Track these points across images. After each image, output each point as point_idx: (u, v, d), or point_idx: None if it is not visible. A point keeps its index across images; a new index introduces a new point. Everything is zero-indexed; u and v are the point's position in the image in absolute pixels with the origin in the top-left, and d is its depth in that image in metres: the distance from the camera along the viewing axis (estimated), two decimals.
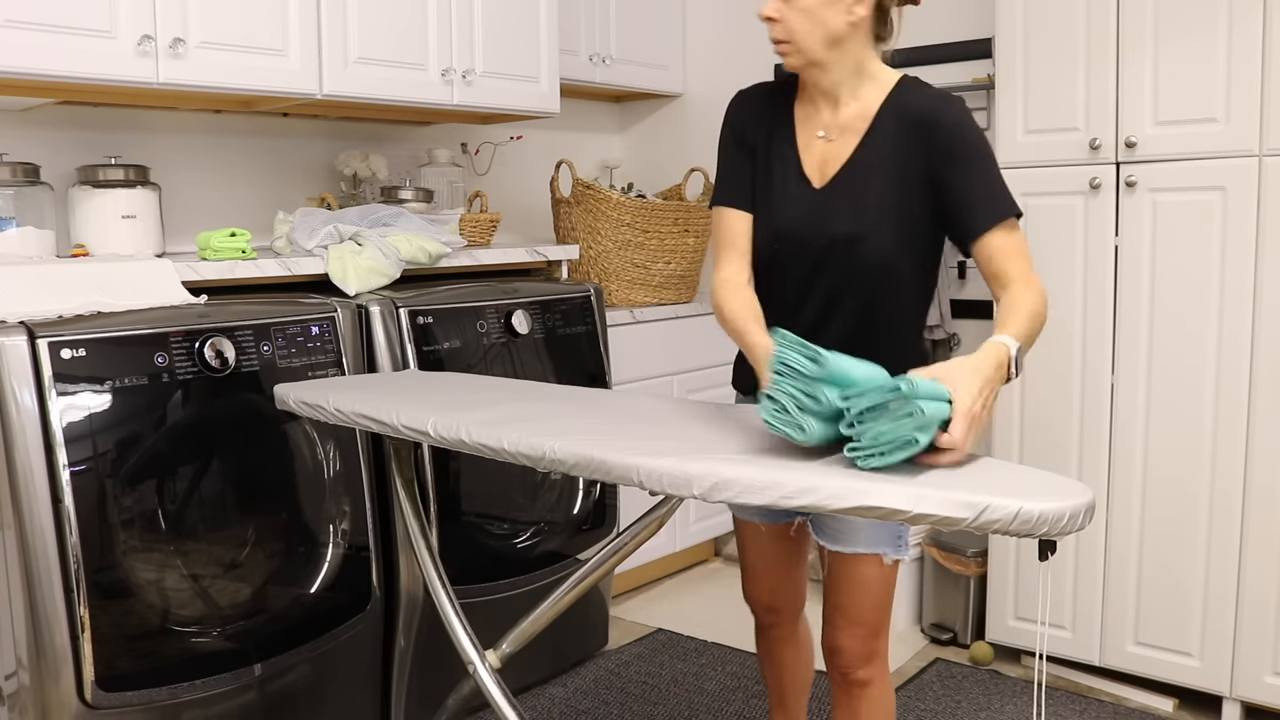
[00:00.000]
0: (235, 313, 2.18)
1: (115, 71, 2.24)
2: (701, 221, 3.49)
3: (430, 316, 2.51)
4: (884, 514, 1.23)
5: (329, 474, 2.29)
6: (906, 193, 1.67)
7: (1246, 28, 2.35)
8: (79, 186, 2.43)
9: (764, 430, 1.55)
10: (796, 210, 1.74)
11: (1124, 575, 2.64)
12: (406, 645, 2.48)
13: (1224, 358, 2.44)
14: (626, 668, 2.93)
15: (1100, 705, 2.66)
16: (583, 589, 2.07)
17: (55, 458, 1.89)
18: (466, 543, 2.55)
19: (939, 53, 3.28)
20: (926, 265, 1.74)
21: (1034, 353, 2.72)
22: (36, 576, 1.89)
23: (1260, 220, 2.37)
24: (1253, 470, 2.43)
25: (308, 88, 2.56)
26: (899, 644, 3.07)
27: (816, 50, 1.67)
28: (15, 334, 1.88)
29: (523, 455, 1.55)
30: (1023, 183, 2.71)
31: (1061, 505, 1.18)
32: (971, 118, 1.68)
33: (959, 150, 1.64)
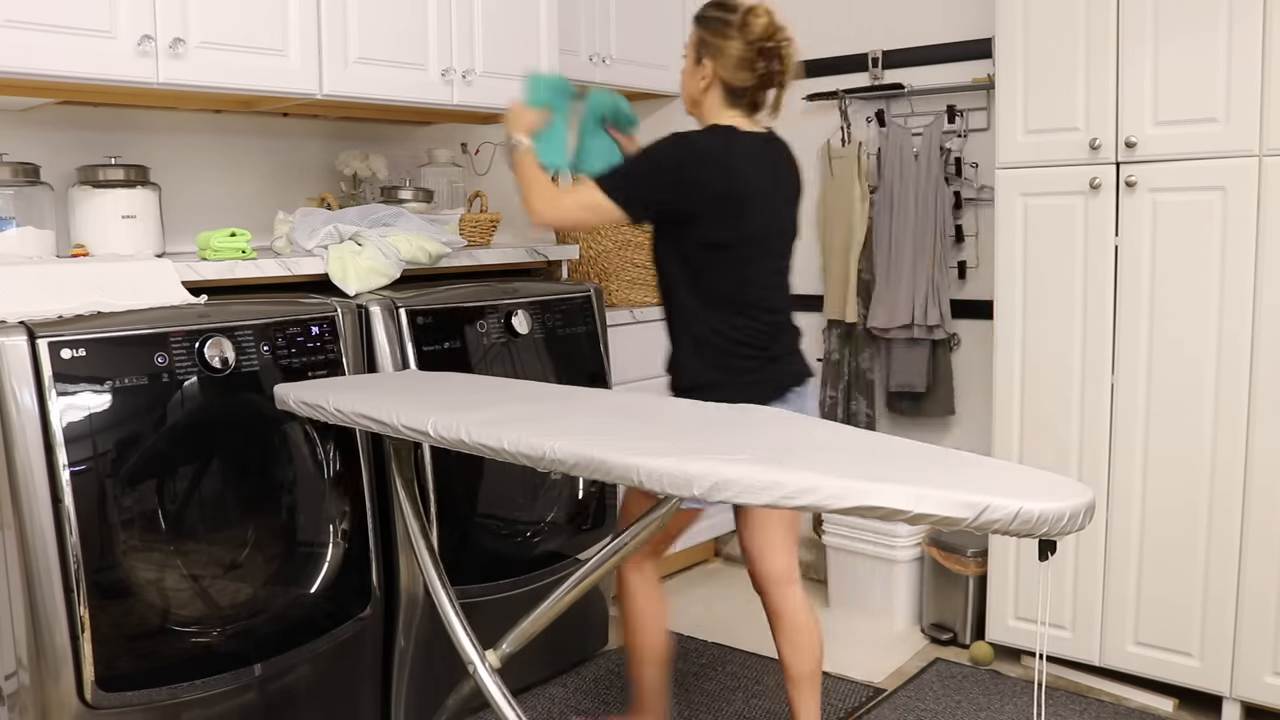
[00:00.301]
0: (235, 313, 2.18)
1: (115, 71, 2.24)
2: None
3: (430, 316, 2.51)
4: (885, 514, 1.23)
5: (329, 474, 2.29)
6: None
7: (1246, 27, 2.35)
8: (79, 186, 2.43)
9: (764, 430, 1.55)
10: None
11: (1124, 575, 2.64)
12: (406, 645, 2.48)
13: (1224, 357, 2.44)
14: (627, 668, 2.93)
15: (1100, 705, 2.66)
16: (583, 589, 2.07)
17: (55, 458, 1.89)
18: (466, 543, 2.55)
19: (939, 53, 3.28)
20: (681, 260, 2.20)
21: (1034, 352, 2.72)
22: (36, 576, 1.89)
23: (1260, 220, 2.37)
24: (1253, 470, 2.43)
25: (308, 88, 2.56)
26: (899, 644, 3.08)
27: (687, 107, 2.28)
28: (15, 334, 1.88)
29: (523, 455, 1.55)
30: (1023, 183, 2.71)
31: (1061, 505, 1.19)
32: (664, 142, 2.14)
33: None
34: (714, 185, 2.09)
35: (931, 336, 3.26)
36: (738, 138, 2.14)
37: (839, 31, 3.51)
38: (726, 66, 2.13)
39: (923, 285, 3.23)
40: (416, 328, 2.47)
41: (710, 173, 2.08)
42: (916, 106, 3.32)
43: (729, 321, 2.16)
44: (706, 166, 2.09)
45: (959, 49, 3.24)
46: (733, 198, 2.10)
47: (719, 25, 2.14)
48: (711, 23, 2.15)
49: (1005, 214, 2.75)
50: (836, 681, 2.83)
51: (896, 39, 3.38)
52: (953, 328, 3.29)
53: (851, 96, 3.42)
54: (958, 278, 3.30)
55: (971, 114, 3.22)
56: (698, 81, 2.18)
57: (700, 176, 2.08)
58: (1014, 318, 2.75)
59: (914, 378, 3.30)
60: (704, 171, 2.08)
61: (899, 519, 1.23)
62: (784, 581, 2.29)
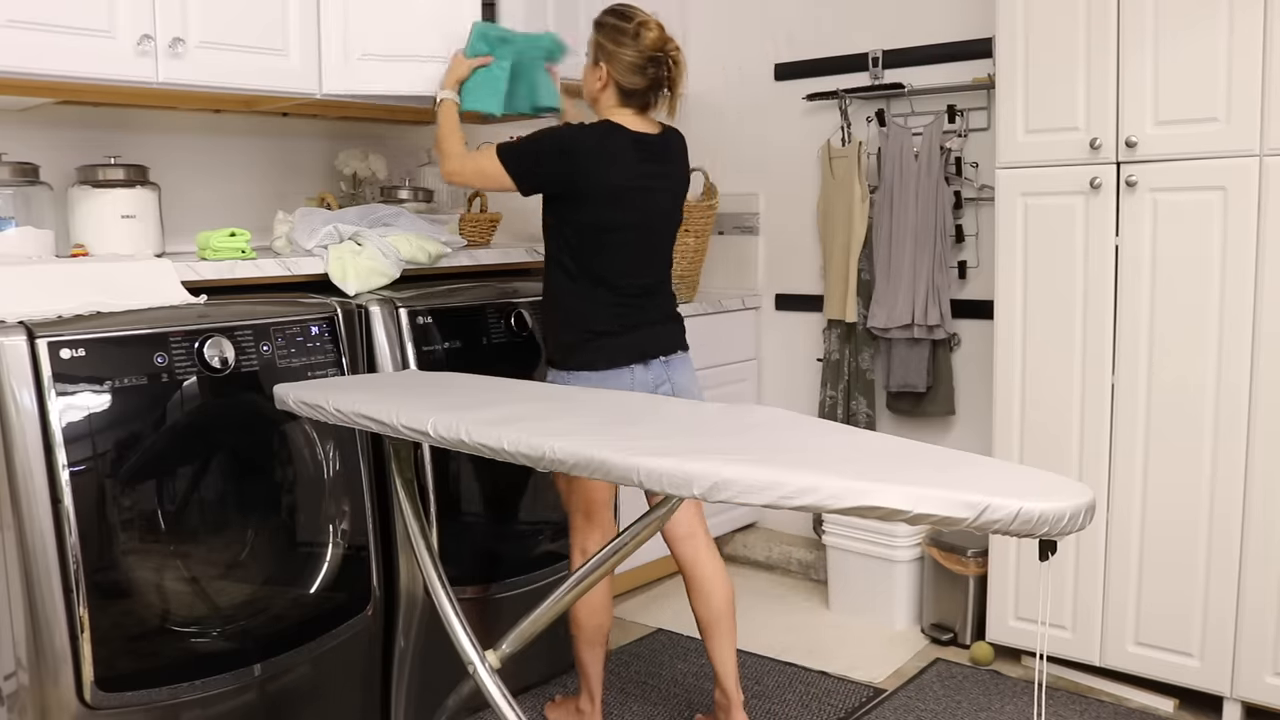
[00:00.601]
0: (235, 313, 2.18)
1: (115, 71, 2.24)
2: (701, 221, 3.49)
3: (430, 316, 2.51)
4: (884, 514, 1.23)
5: (329, 474, 2.29)
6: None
7: (1247, 27, 2.34)
8: (79, 186, 2.43)
9: (764, 430, 1.55)
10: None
11: (1124, 575, 2.63)
12: (406, 645, 2.48)
13: (1225, 357, 2.44)
14: (626, 668, 2.93)
15: (1100, 705, 2.66)
16: (583, 589, 2.07)
17: (55, 458, 1.89)
18: (466, 543, 2.55)
19: (939, 52, 3.28)
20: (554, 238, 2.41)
21: (1034, 352, 2.72)
22: (36, 577, 1.89)
23: (1260, 220, 2.37)
24: (1253, 470, 2.43)
25: (308, 88, 2.56)
26: (899, 644, 3.08)
27: (587, 100, 2.44)
28: (15, 334, 1.88)
29: (523, 455, 1.55)
30: (1023, 182, 2.71)
31: (1061, 505, 1.18)
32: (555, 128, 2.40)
33: None
34: (587, 172, 2.28)
35: (932, 336, 3.26)
36: (618, 133, 2.32)
37: (839, 31, 3.51)
38: (619, 70, 2.33)
39: (923, 285, 3.23)
40: (416, 328, 2.47)
41: (584, 160, 2.28)
42: (916, 106, 3.32)
43: (594, 293, 2.34)
44: (582, 154, 2.28)
45: (959, 49, 3.24)
46: (603, 185, 2.29)
47: (614, 32, 2.34)
48: (608, 29, 2.35)
49: (1005, 214, 2.75)
50: (836, 681, 2.83)
51: (896, 39, 3.38)
52: (953, 328, 3.29)
53: (851, 96, 3.42)
54: (958, 278, 3.29)
55: (971, 114, 3.22)
56: (594, 81, 2.38)
57: (577, 163, 2.28)
58: (1014, 318, 2.75)
59: (914, 378, 3.30)
60: (579, 159, 2.28)
61: (899, 519, 1.23)
62: (685, 538, 2.46)
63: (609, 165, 2.29)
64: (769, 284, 3.80)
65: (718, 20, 3.81)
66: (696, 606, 2.45)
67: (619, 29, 2.33)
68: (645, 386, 2.37)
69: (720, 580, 2.45)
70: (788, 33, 3.64)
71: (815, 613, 3.34)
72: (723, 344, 3.63)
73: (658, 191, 2.39)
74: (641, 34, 2.31)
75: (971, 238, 3.26)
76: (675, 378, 2.43)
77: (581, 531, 2.42)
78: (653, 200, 2.38)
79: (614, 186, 2.29)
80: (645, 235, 2.39)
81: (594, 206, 2.30)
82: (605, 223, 2.31)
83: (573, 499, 2.41)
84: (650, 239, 2.41)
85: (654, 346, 2.40)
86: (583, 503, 2.39)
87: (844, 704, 2.70)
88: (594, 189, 2.29)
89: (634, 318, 2.37)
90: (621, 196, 2.31)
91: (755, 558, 3.78)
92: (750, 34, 3.74)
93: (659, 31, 2.34)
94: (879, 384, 3.47)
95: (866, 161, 3.41)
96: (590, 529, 2.41)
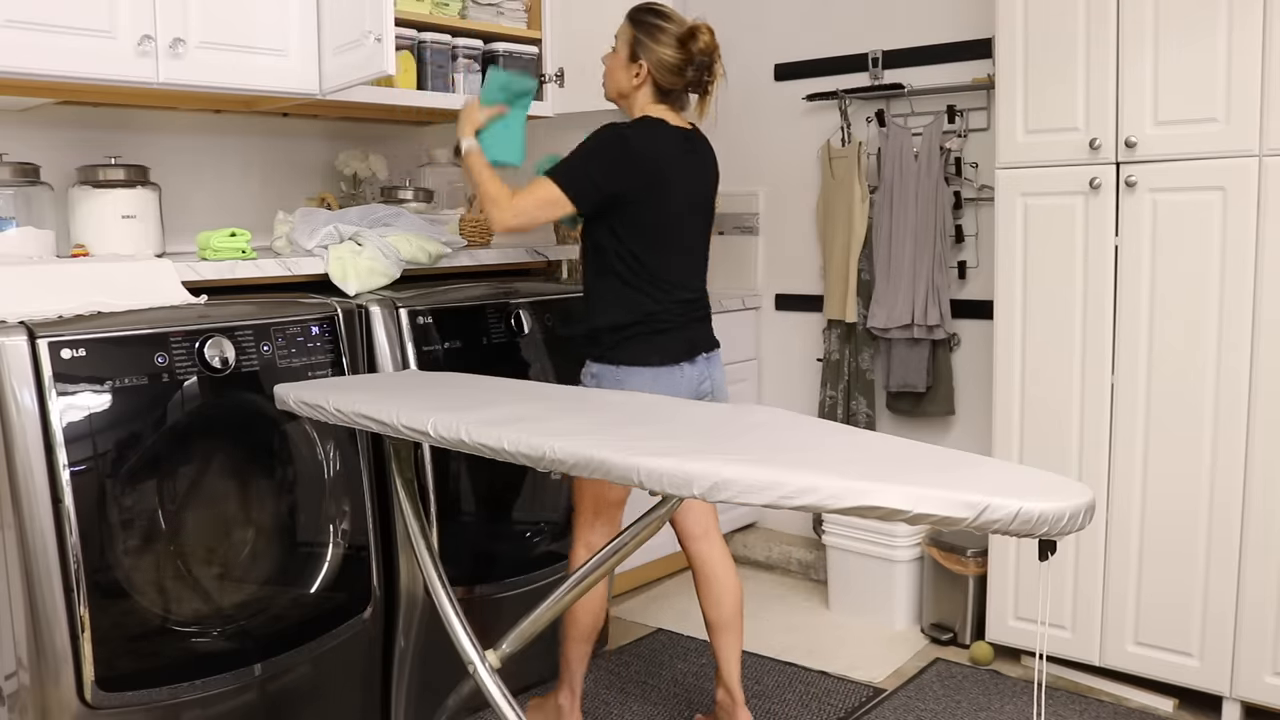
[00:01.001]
0: (235, 313, 2.18)
1: (115, 71, 2.24)
2: None
3: (430, 316, 2.51)
4: (884, 514, 1.23)
5: (329, 474, 2.29)
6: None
7: (1246, 28, 2.35)
8: (79, 186, 2.43)
9: (764, 430, 1.55)
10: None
11: (1124, 575, 2.64)
12: (406, 645, 2.48)
13: (1224, 357, 2.44)
14: (626, 668, 2.93)
15: (1100, 705, 2.66)
16: (583, 589, 2.07)
17: (55, 458, 1.89)
18: (466, 543, 2.55)
19: (939, 53, 3.28)
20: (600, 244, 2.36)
21: (1034, 352, 2.72)
22: (36, 576, 1.89)
23: (1260, 220, 2.37)
24: (1253, 470, 2.43)
25: (308, 88, 2.56)
26: (899, 644, 3.08)
27: (611, 96, 2.46)
28: (15, 334, 1.88)
29: (523, 455, 1.55)
30: (1023, 183, 2.71)
31: (1061, 505, 1.18)
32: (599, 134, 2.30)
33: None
34: (644, 170, 2.27)
35: (931, 336, 3.26)
36: (663, 127, 2.33)
37: (839, 31, 3.52)
38: (659, 69, 2.34)
39: (923, 285, 3.23)
40: (416, 328, 2.47)
41: (642, 159, 2.27)
42: (916, 106, 3.32)
43: (650, 290, 2.32)
44: (636, 153, 2.27)
45: (959, 49, 3.24)
46: (659, 182, 2.29)
47: (655, 31, 2.33)
48: (648, 27, 2.34)
49: (1005, 214, 2.75)
50: (836, 681, 2.83)
51: (896, 39, 3.38)
52: (953, 328, 3.29)
53: (851, 96, 3.43)
54: (958, 278, 3.30)
55: (971, 114, 3.22)
56: (630, 77, 2.37)
57: (633, 162, 2.27)
58: (1014, 318, 2.75)
59: (914, 377, 3.30)
60: (637, 157, 2.27)
61: (899, 519, 1.23)
62: (699, 537, 2.48)
63: (660, 160, 2.29)
64: (769, 284, 3.80)
65: (718, 20, 3.79)
66: (706, 607, 2.46)
67: (659, 28, 2.33)
68: (691, 383, 2.38)
69: (732, 582, 2.46)
70: (788, 33, 3.64)
71: (815, 613, 3.34)
72: (723, 344, 3.61)
73: (701, 184, 2.42)
74: (697, 37, 2.32)
75: (971, 238, 3.27)
76: (714, 374, 2.46)
77: (588, 527, 2.41)
78: (698, 191, 2.41)
79: (664, 181, 2.30)
80: (692, 231, 2.40)
81: (646, 205, 2.29)
82: (657, 221, 2.31)
83: (584, 494, 2.41)
84: (697, 229, 2.42)
85: (702, 343, 2.42)
86: (593, 500, 2.39)
87: (844, 704, 2.70)
88: (646, 186, 2.28)
89: (686, 314, 2.38)
90: (673, 189, 2.32)
91: (755, 558, 3.78)
92: (750, 34, 3.74)
93: (709, 37, 2.34)
94: (879, 384, 3.47)
95: (866, 162, 3.41)
96: (597, 526, 2.41)
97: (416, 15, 2.81)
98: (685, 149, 2.36)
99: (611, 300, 2.34)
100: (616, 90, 2.42)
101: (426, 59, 2.87)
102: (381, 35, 2.30)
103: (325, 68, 2.55)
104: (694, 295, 2.41)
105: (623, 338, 2.32)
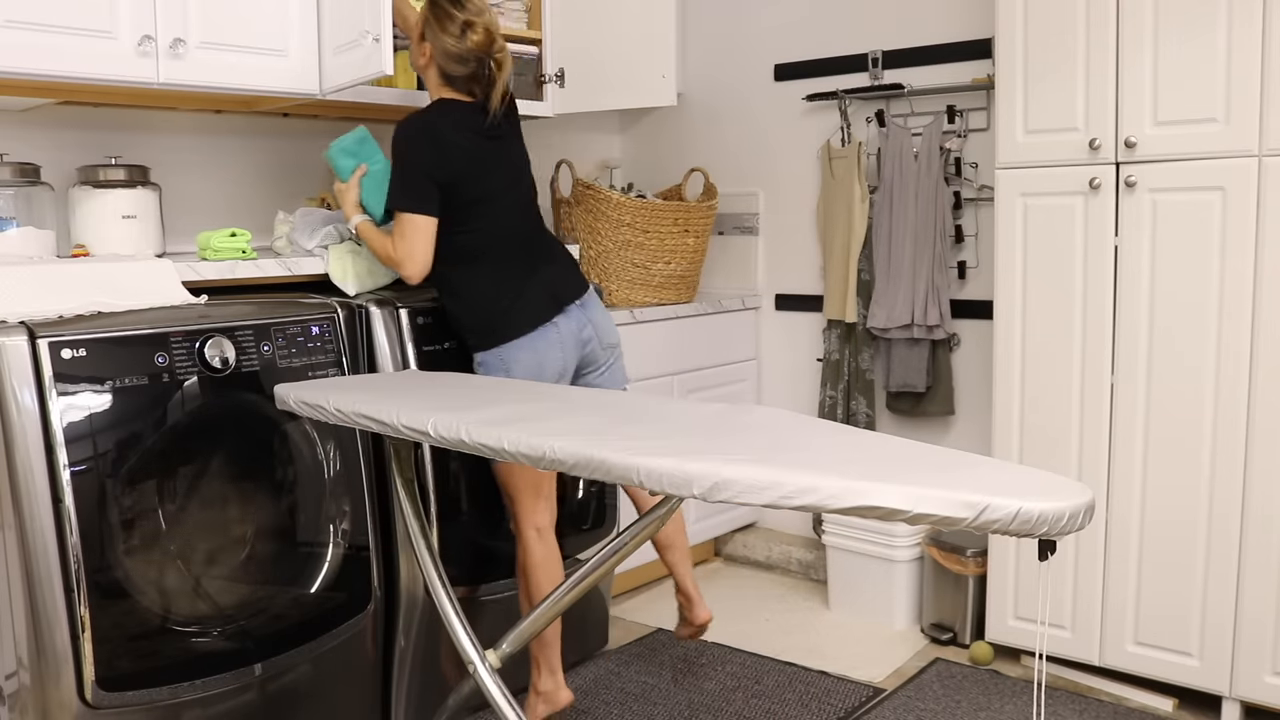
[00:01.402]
0: (235, 313, 2.18)
1: (115, 72, 2.24)
2: (701, 221, 3.49)
3: (430, 316, 2.51)
4: (884, 514, 1.23)
5: (329, 474, 2.29)
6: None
7: (1246, 28, 2.35)
8: (79, 186, 2.43)
9: (764, 430, 1.55)
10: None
11: (1124, 575, 2.64)
12: (406, 645, 2.48)
13: (1224, 357, 2.44)
14: (626, 667, 2.93)
15: (1100, 705, 2.66)
16: (583, 589, 2.07)
17: (55, 458, 1.89)
18: (466, 543, 2.55)
19: (939, 53, 3.28)
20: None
21: (1034, 352, 2.72)
22: (37, 576, 1.89)
23: (1260, 220, 2.38)
24: (1252, 470, 2.43)
25: (308, 88, 2.56)
26: (899, 644, 3.08)
27: (415, 68, 2.47)
28: (15, 334, 1.88)
29: (523, 455, 1.55)
30: (1022, 183, 2.71)
31: (1061, 505, 1.19)
32: (402, 137, 2.32)
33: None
34: (457, 148, 2.32)
35: (931, 336, 3.26)
36: (454, 107, 2.37)
37: (839, 31, 3.52)
38: (441, 55, 2.36)
39: (923, 285, 3.23)
40: (416, 328, 2.47)
41: (450, 141, 2.32)
42: (916, 106, 3.32)
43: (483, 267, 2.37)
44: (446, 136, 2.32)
45: (959, 49, 3.24)
46: (472, 158, 2.34)
47: (443, 16, 2.34)
48: (438, 11, 2.35)
49: (1005, 214, 2.75)
50: (836, 681, 2.83)
51: (896, 39, 3.38)
52: (953, 328, 3.29)
53: (851, 96, 3.43)
54: (958, 278, 3.30)
55: (971, 114, 3.22)
56: (420, 56, 2.41)
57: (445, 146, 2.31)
58: (1014, 318, 2.75)
59: (914, 378, 3.30)
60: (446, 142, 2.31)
61: (899, 519, 1.23)
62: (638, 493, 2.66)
63: (464, 135, 2.33)
64: (769, 284, 3.80)
65: (718, 20, 3.81)
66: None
67: (448, 15, 2.34)
68: (571, 336, 2.40)
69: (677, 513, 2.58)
70: (788, 33, 3.65)
71: (815, 612, 3.34)
72: (723, 344, 3.64)
73: (504, 149, 2.44)
74: (467, 34, 2.33)
75: (971, 238, 3.27)
76: (595, 318, 2.47)
77: (531, 510, 2.41)
78: (511, 158, 2.45)
79: (477, 155, 2.34)
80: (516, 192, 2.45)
81: (469, 177, 2.34)
82: (482, 190, 2.35)
83: (517, 479, 2.39)
84: (520, 194, 2.46)
85: (564, 290, 2.42)
86: (531, 477, 2.39)
87: (844, 704, 2.70)
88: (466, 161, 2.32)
89: (536, 263, 2.40)
90: (486, 161, 2.36)
91: (755, 558, 3.78)
92: (750, 34, 3.74)
93: (485, 35, 2.34)
94: (879, 384, 3.48)
95: (866, 162, 3.41)
96: (538, 506, 2.41)
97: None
98: (483, 120, 2.38)
99: (464, 289, 2.38)
100: (414, 66, 2.46)
101: None
102: (380, 35, 2.30)
103: (325, 68, 2.55)
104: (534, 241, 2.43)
105: (488, 321, 2.35)
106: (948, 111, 3.23)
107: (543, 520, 2.42)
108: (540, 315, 2.36)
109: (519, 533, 2.43)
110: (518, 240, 2.41)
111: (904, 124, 3.32)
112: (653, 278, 3.42)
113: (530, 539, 2.41)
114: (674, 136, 3.93)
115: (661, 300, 3.46)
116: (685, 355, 3.47)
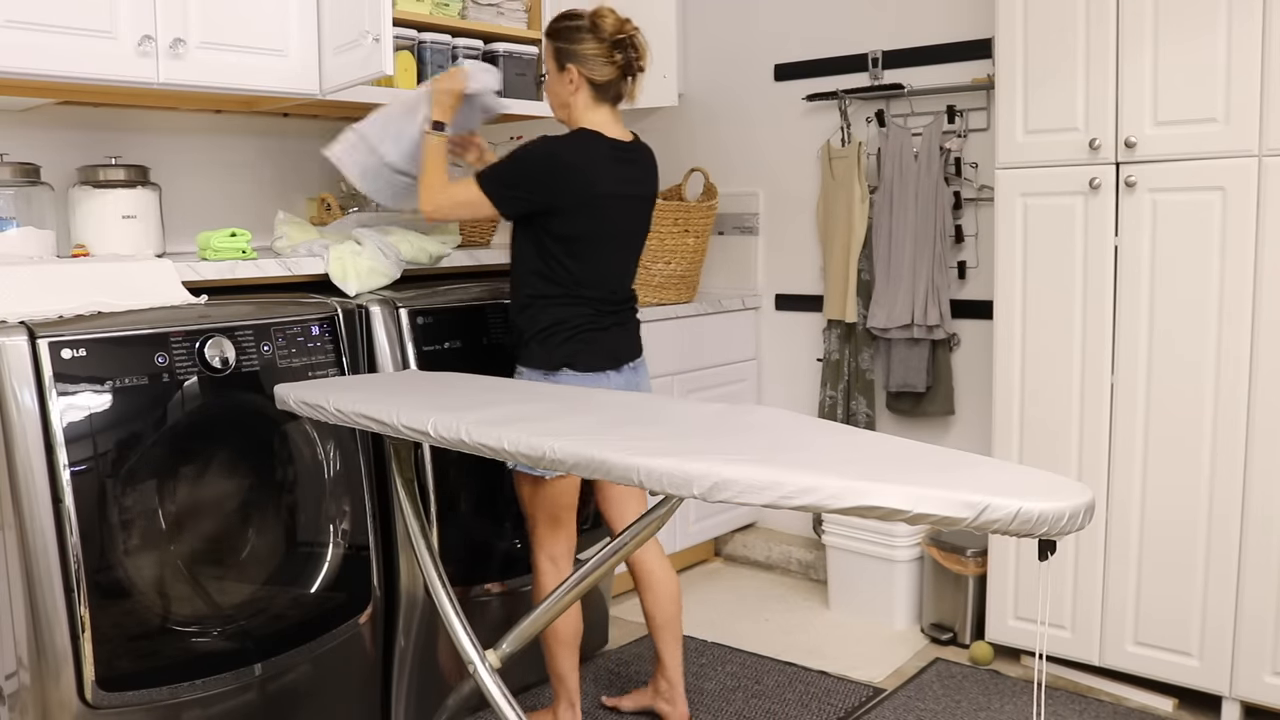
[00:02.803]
0: (235, 313, 2.18)
1: (115, 72, 2.24)
2: (701, 221, 3.49)
3: (430, 316, 2.51)
4: (884, 514, 1.23)
5: (329, 474, 2.29)
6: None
7: (1246, 28, 2.35)
8: (79, 186, 2.43)
9: (764, 430, 1.55)
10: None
11: (1124, 575, 2.64)
12: (406, 645, 2.48)
13: (1224, 356, 2.45)
14: (626, 668, 2.93)
15: (1100, 705, 2.66)
16: (583, 589, 2.07)
17: (55, 458, 1.89)
18: (466, 543, 2.55)
19: (939, 53, 3.28)
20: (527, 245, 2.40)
21: (1034, 352, 2.72)
22: (37, 576, 1.89)
23: (1260, 220, 2.38)
24: (1252, 470, 2.43)
25: (308, 88, 2.56)
26: (899, 644, 3.08)
27: (558, 115, 2.45)
28: (15, 334, 1.88)
29: (523, 455, 1.55)
30: (1022, 183, 2.71)
31: (1061, 505, 1.19)
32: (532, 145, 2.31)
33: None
34: (570, 183, 2.28)
35: (931, 336, 3.26)
36: (596, 140, 2.33)
37: (839, 31, 3.52)
38: (588, 65, 2.34)
39: (923, 285, 3.23)
40: (416, 328, 2.47)
41: (567, 173, 2.28)
42: (916, 106, 3.32)
43: (573, 299, 2.34)
44: (563, 167, 2.28)
45: (959, 49, 3.24)
46: (588, 196, 2.29)
47: (572, 32, 2.35)
48: (564, 32, 2.36)
49: (1005, 214, 2.75)
50: (836, 681, 2.83)
51: (896, 39, 3.38)
52: (953, 328, 3.29)
53: (851, 96, 3.43)
54: (958, 278, 3.30)
55: (971, 114, 3.22)
56: (566, 86, 2.37)
57: (558, 176, 2.28)
58: (1014, 318, 2.75)
59: (914, 378, 3.30)
60: (561, 172, 2.28)
61: (899, 519, 1.23)
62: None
63: (590, 175, 2.29)
64: (769, 284, 3.80)
65: (718, 20, 3.81)
66: (648, 606, 2.52)
67: (574, 28, 2.35)
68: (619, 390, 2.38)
69: (672, 584, 2.53)
70: (787, 33, 3.65)
71: (815, 612, 3.34)
72: (723, 344, 3.64)
73: (634, 199, 2.41)
74: (599, 24, 2.32)
75: (971, 238, 3.27)
76: (641, 384, 2.49)
77: (548, 539, 2.40)
78: (631, 207, 2.40)
79: (595, 195, 2.29)
80: (624, 242, 2.41)
81: (575, 216, 2.30)
82: (586, 232, 2.31)
83: (538, 505, 2.39)
84: (627, 245, 2.43)
85: (627, 352, 2.44)
86: (550, 508, 2.38)
87: (844, 704, 2.70)
88: (576, 200, 2.28)
89: (609, 323, 2.39)
90: (602, 205, 2.31)
91: (755, 558, 3.78)
92: (750, 34, 3.74)
93: (613, 15, 2.35)
94: (879, 384, 3.48)
95: (866, 162, 3.41)
96: (557, 536, 2.41)
97: (416, 15, 2.81)
98: (619, 159, 2.36)
99: (539, 305, 2.35)
100: (558, 104, 2.42)
101: (427, 59, 2.87)
102: (379, 35, 2.30)
103: (325, 68, 2.55)
104: (620, 304, 2.42)
105: (549, 343, 2.33)
106: (948, 111, 3.23)
107: (558, 550, 2.41)
108: (599, 364, 2.37)
109: (533, 559, 2.44)
110: (610, 301, 2.40)
111: (904, 124, 3.32)
112: (653, 278, 3.42)
113: (543, 567, 2.41)
114: (674, 136, 3.94)
115: (662, 300, 3.46)
116: (685, 355, 3.47)
